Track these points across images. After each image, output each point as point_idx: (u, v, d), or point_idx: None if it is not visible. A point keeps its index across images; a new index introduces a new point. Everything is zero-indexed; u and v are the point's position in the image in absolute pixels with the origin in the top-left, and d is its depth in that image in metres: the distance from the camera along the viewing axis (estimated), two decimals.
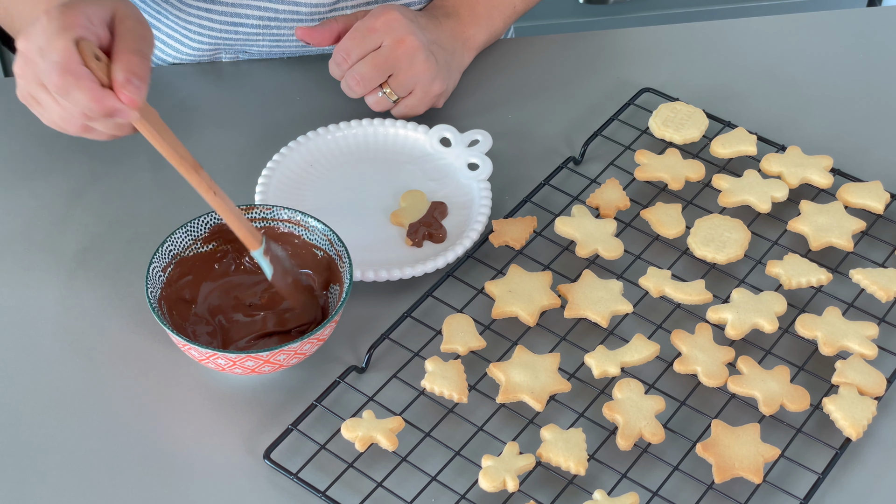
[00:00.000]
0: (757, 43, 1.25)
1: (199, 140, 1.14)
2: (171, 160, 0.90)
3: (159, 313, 0.91)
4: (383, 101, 1.10)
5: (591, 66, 1.22)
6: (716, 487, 0.86)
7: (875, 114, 1.17)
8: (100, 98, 0.86)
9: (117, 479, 0.88)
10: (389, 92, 1.09)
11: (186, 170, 0.90)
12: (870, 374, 0.91)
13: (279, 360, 0.90)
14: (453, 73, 1.14)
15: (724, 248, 1.00)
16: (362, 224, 1.04)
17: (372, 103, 1.10)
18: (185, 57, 1.22)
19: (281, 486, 0.88)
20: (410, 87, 1.10)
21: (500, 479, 0.85)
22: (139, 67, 0.87)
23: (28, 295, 1.00)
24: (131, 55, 0.87)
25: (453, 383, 0.91)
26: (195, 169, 0.90)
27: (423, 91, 1.10)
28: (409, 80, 1.09)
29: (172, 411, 0.93)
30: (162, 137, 0.89)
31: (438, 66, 1.10)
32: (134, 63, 0.87)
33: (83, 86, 0.85)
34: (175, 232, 0.95)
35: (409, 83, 1.09)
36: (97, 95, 0.86)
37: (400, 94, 1.10)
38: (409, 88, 1.10)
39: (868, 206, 1.04)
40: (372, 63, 1.08)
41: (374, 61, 1.08)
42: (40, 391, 0.94)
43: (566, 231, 1.02)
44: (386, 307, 0.99)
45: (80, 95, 0.85)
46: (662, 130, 1.11)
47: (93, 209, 1.07)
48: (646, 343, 0.93)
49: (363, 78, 1.08)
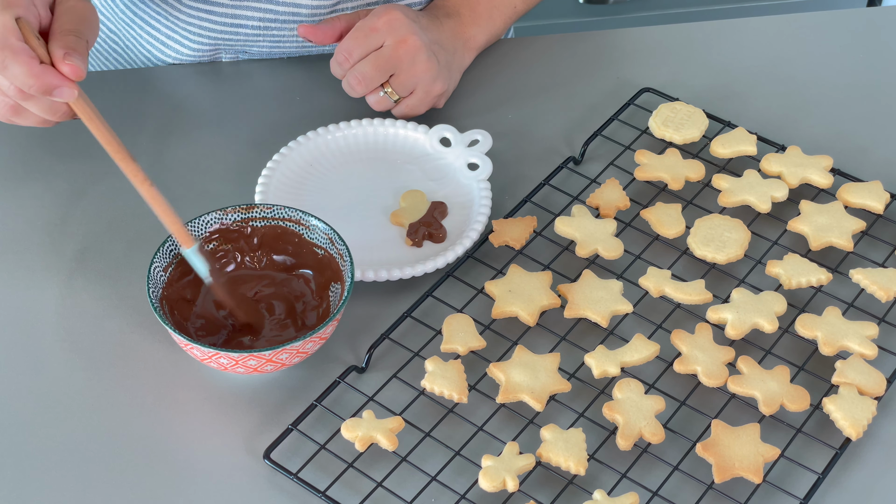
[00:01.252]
0: (757, 43, 1.25)
1: (199, 140, 1.14)
2: (107, 146, 0.89)
3: (161, 313, 0.91)
4: (384, 101, 1.10)
5: (591, 66, 1.22)
6: (716, 487, 0.87)
7: (875, 114, 1.17)
8: (39, 73, 0.85)
9: (117, 478, 0.88)
10: (391, 92, 1.09)
11: (123, 157, 0.89)
12: (870, 374, 0.91)
13: (281, 359, 0.90)
14: (454, 73, 1.14)
15: (724, 248, 1.00)
16: (362, 224, 1.04)
17: (373, 103, 1.10)
18: (185, 58, 1.22)
19: (281, 486, 0.88)
20: (411, 87, 1.09)
21: (500, 479, 0.85)
22: (76, 44, 0.87)
23: (28, 295, 1.00)
24: (67, 35, 0.88)
25: (453, 383, 0.91)
26: (131, 157, 0.89)
27: (424, 91, 1.10)
28: (410, 81, 1.09)
29: (172, 411, 0.93)
30: (99, 121, 0.88)
31: (440, 66, 1.10)
32: (70, 41, 0.87)
33: (21, 60, 0.85)
34: None
35: (410, 83, 1.09)
36: (35, 70, 0.85)
37: (401, 94, 1.10)
38: (410, 88, 1.09)
39: (868, 206, 1.04)
40: (374, 63, 1.07)
41: (376, 61, 1.07)
42: (40, 391, 0.94)
43: (566, 231, 1.02)
44: (386, 307, 0.99)
45: (18, 70, 0.85)
46: (662, 130, 1.11)
47: (93, 209, 1.07)
48: (646, 343, 0.93)
49: (364, 77, 1.08)
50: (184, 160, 1.12)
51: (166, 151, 1.12)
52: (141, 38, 1.24)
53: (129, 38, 1.25)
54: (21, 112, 0.90)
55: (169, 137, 1.14)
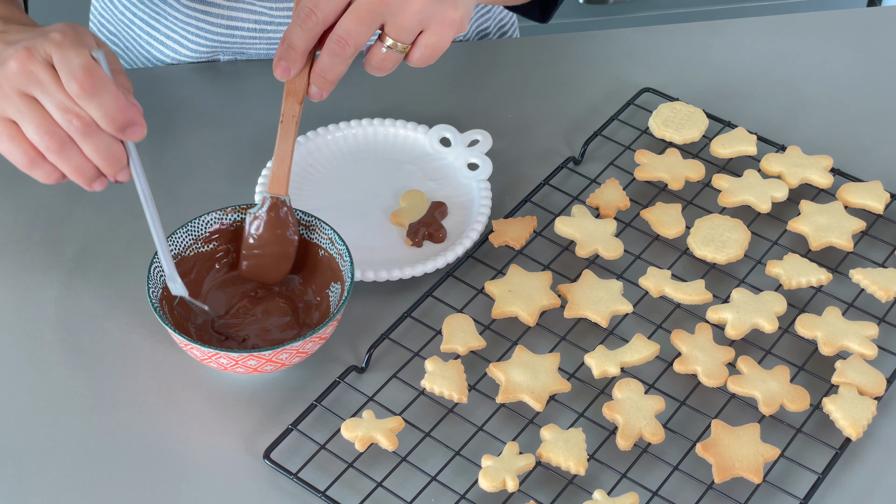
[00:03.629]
0: (757, 43, 1.25)
1: (199, 140, 1.14)
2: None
3: (161, 313, 0.91)
4: (390, 56, 0.88)
5: (591, 66, 1.22)
6: (716, 487, 0.87)
7: (875, 114, 1.17)
8: (126, 106, 0.84)
9: (117, 478, 0.88)
10: (392, 43, 0.88)
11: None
12: (870, 374, 0.91)
13: (281, 359, 0.90)
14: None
15: (724, 248, 1.00)
16: (362, 224, 1.04)
17: (376, 64, 0.89)
18: (184, 59, 1.22)
19: (281, 486, 0.88)
20: (416, 27, 0.88)
21: (499, 479, 0.85)
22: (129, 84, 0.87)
23: (27, 295, 1.00)
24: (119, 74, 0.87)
25: (453, 383, 0.91)
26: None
27: (438, 23, 0.88)
28: (410, 21, 0.87)
29: (172, 411, 0.93)
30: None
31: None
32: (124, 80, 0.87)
33: (112, 90, 0.83)
34: (175, 232, 0.95)
35: (411, 23, 0.87)
36: (122, 104, 0.84)
37: (406, 41, 0.88)
38: (415, 28, 0.88)
39: (868, 206, 1.04)
40: (354, 16, 0.86)
41: (356, 14, 0.86)
42: (40, 391, 0.94)
43: (566, 231, 1.02)
44: (386, 307, 0.99)
45: (108, 98, 0.83)
46: (662, 130, 1.11)
47: (93, 209, 1.07)
48: (646, 343, 0.93)
49: (349, 35, 0.86)
50: (184, 160, 1.12)
51: (166, 151, 1.12)
52: (140, 40, 1.24)
53: (128, 39, 1.25)
54: (65, 152, 0.85)
55: (168, 137, 1.14)
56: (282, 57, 0.88)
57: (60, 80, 0.83)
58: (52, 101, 0.84)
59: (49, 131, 0.84)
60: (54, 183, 0.88)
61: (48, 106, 0.84)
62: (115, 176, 0.88)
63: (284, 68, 0.89)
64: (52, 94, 0.84)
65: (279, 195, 0.94)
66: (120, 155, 0.86)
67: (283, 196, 0.94)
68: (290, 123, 0.93)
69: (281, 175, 0.94)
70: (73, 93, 0.83)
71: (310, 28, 0.87)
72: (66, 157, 0.85)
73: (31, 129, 0.85)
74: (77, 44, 0.84)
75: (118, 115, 0.84)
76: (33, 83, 0.84)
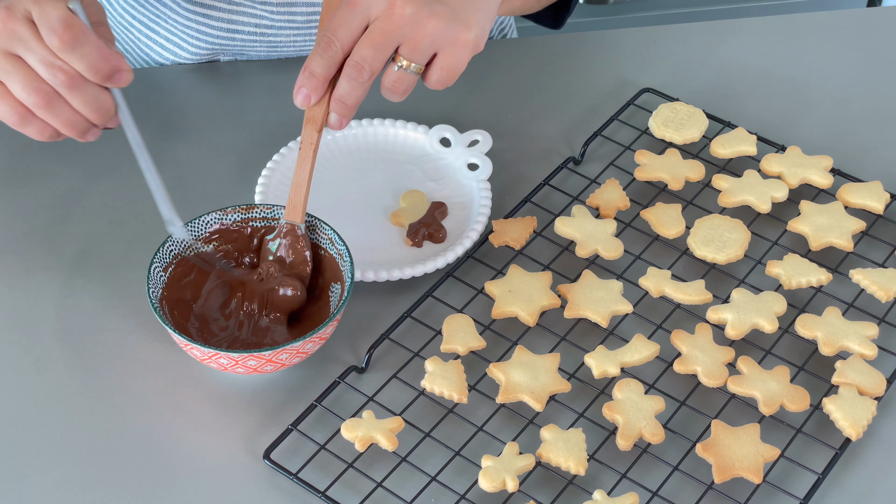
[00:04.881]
0: (757, 43, 1.25)
1: (199, 140, 1.14)
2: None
3: (161, 313, 0.91)
4: (404, 77, 0.89)
5: (591, 66, 1.22)
6: (716, 487, 0.87)
7: (875, 114, 1.17)
8: (108, 55, 0.85)
9: (117, 479, 0.88)
10: (406, 64, 0.88)
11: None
12: (870, 375, 0.91)
13: (281, 360, 0.90)
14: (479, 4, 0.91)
15: (724, 248, 1.00)
16: (362, 224, 1.04)
17: (390, 84, 0.90)
18: (183, 61, 1.22)
19: (281, 486, 0.88)
20: (430, 49, 0.88)
21: (499, 480, 0.85)
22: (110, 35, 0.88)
23: (28, 295, 1.00)
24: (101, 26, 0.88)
25: (453, 383, 0.91)
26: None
27: (451, 44, 0.88)
28: (424, 43, 0.88)
29: (172, 411, 0.93)
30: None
31: (451, 10, 0.88)
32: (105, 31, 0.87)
33: (92, 40, 0.84)
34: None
35: (425, 45, 0.88)
36: (105, 52, 0.84)
37: (420, 62, 0.88)
38: (430, 50, 0.88)
39: (868, 206, 1.04)
40: (369, 42, 0.87)
41: (371, 40, 0.87)
42: (40, 391, 0.94)
43: (566, 231, 1.02)
44: (386, 307, 0.99)
45: (90, 49, 0.84)
46: (662, 130, 1.11)
47: (93, 209, 1.07)
48: (646, 343, 0.93)
49: (365, 61, 0.87)
50: (184, 160, 1.12)
51: (166, 151, 1.12)
52: (140, 42, 1.24)
53: (128, 40, 1.25)
54: (54, 106, 0.86)
55: (169, 138, 1.14)
56: (303, 84, 0.89)
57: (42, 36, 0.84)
58: (36, 57, 0.85)
59: (35, 88, 0.85)
60: (48, 140, 0.89)
61: (32, 62, 0.85)
62: (106, 124, 0.89)
63: (305, 96, 0.89)
64: (35, 50, 0.85)
65: (294, 222, 0.95)
66: (108, 104, 0.87)
67: (299, 223, 0.95)
68: (309, 151, 0.93)
69: (297, 202, 0.94)
70: (54, 47, 0.84)
71: (330, 56, 0.88)
72: (54, 111, 0.87)
73: (17, 88, 0.86)
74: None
75: (102, 64, 0.85)
76: (15, 41, 0.85)
